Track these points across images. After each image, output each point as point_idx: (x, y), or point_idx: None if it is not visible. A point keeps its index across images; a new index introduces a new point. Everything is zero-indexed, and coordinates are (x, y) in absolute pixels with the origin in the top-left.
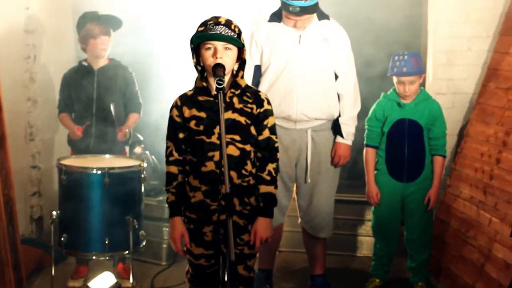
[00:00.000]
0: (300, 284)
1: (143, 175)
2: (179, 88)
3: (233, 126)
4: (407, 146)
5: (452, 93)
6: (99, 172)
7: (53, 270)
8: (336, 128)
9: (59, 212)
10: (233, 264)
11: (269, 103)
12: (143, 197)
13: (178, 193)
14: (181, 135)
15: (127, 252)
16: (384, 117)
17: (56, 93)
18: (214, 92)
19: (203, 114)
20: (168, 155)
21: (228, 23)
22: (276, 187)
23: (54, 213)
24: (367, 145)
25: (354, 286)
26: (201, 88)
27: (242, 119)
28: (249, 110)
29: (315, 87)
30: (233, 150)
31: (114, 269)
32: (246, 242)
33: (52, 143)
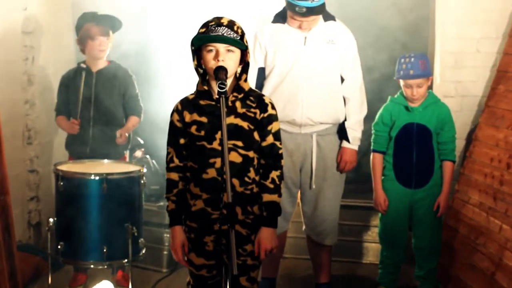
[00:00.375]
0: None
1: (143, 181)
2: (182, 90)
3: (235, 132)
4: (415, 151)
5: (460, 96)
6: (97, 178)
7: (50, 278)
8: (342, 133)
9: (56, 219)
10: (235, 277)
11: (273, 107)
12: (143, 203)
13: (178, 201)
14: (182, 141)
15: (126, 260)
16: (392, 121)
17: (55, 95)
18: (216, 96)
19: (204, 119)
20: (169, 161)
21: (231, 24)
22: (280, 195)
23: (51, 220)
24: (374, 151)
25: None
26: (202, 91)
27: (245, 124)
28: (252, 115)
29: (321, 90)
30: (235, 157)
31: (113, 277)
32: (249, 253)
33: (50, 146)
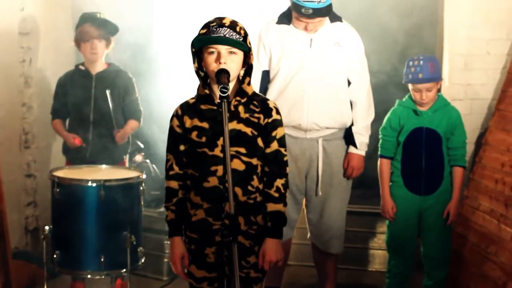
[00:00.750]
0: None
1: (142, 188)
2: (183, 93)
3: (238, 138)
4: (424, 157)
5: (469, 99)
6: (94, 184)
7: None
8: (348, 138)
9: (51, 227)
10: None
11: (278, 112)
12: (142, 210)
13: (178, 210)
14: (182, 147)
15: (124, 270)
16: (400, 126)
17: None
18: (218, 101)
19: (205, 125)
20: (168, 169)
21: (233, 25)
22: (285, 204)
23: (47, 228)
24: (381, 156)
25: None
26: (203, 96)
27: (248, 130)
28: (256, 120)
29: (327, 94)
30: (238, 164)
31: (112, 286)
32: (252, 265)
33: (49, 150)
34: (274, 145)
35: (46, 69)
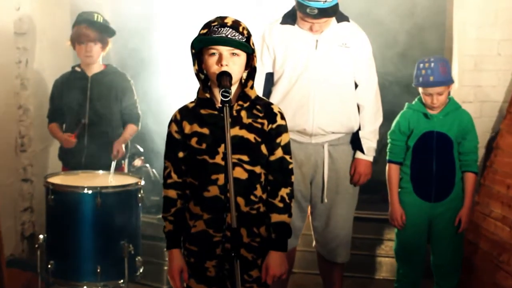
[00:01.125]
0: None
1: (140, 195)
2: (183, 96)
3: (240, 145)
4: (435, 162)
5: (479, 101)
6: (90, 191)
7: None
8: (355, 143)
9: (46, 236)
10: None
11: (282, 117)
12: (140, 218)
13: (176, 221)
14: (181, 154)
15: (121, 281)
16: (410, 129)
17: None
18: (219, 105)
19: (206, 131)
20: (166, 177)
21: (236, 25)
22: (290, 215)
23: (41, 236)
24: (390, 161)
25: None
26: (204, 100)
27: (251, 136)
28: (259, 126)
29: (333, 97)
30: (240, 173)
31: None
32: (255, 279)
33: (46, 154)
34: (279, 152)
35: (43, 70)
